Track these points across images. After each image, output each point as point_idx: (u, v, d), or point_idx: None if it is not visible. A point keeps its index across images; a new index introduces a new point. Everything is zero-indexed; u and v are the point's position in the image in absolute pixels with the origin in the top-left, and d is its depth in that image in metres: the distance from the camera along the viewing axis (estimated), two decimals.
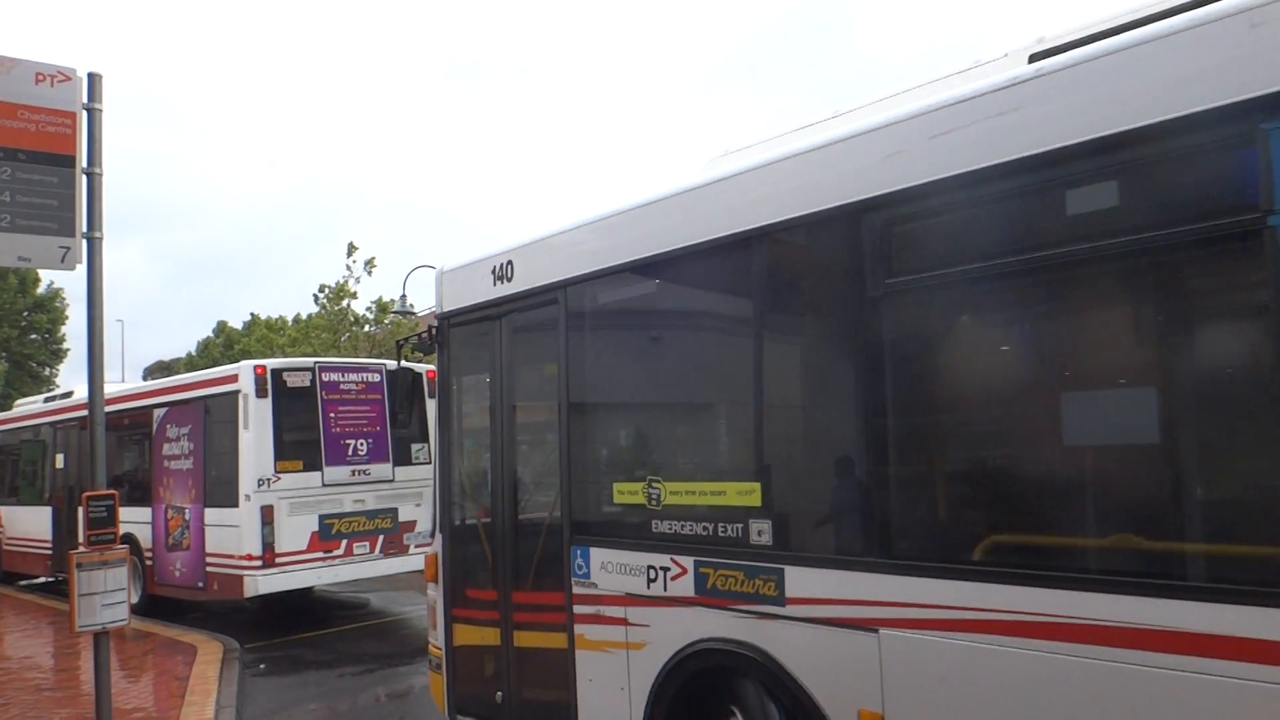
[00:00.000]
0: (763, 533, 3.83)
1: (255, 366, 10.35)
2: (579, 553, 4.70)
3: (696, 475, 4.42)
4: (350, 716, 7.24)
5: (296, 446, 10.31)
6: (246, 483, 10.01)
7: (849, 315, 3.64)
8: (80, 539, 5.77)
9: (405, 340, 6.31)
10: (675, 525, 4.21)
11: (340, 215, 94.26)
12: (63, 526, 13.71)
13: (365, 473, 10.73)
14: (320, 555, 10.33)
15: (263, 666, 8.99)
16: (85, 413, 6.15)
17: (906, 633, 3.27)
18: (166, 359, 53.82)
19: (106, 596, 5.67)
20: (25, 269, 29.49)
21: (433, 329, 5.83)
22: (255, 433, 10.07)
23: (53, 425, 14.67)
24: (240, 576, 9.96)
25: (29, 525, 14.96)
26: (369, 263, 21.69)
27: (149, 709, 7.27)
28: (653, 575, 4.28)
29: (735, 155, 4.52)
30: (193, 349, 51.09)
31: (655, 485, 4.36)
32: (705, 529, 4.07)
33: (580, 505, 4.81)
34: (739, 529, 3.91)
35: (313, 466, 10.37)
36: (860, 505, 3.54)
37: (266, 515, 9.97)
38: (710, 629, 4.02)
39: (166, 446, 11.48)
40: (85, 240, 5.66)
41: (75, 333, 39.29)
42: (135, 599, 11.04)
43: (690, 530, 4.15)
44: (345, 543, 10.52)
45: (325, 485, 10.42)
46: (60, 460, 14.30)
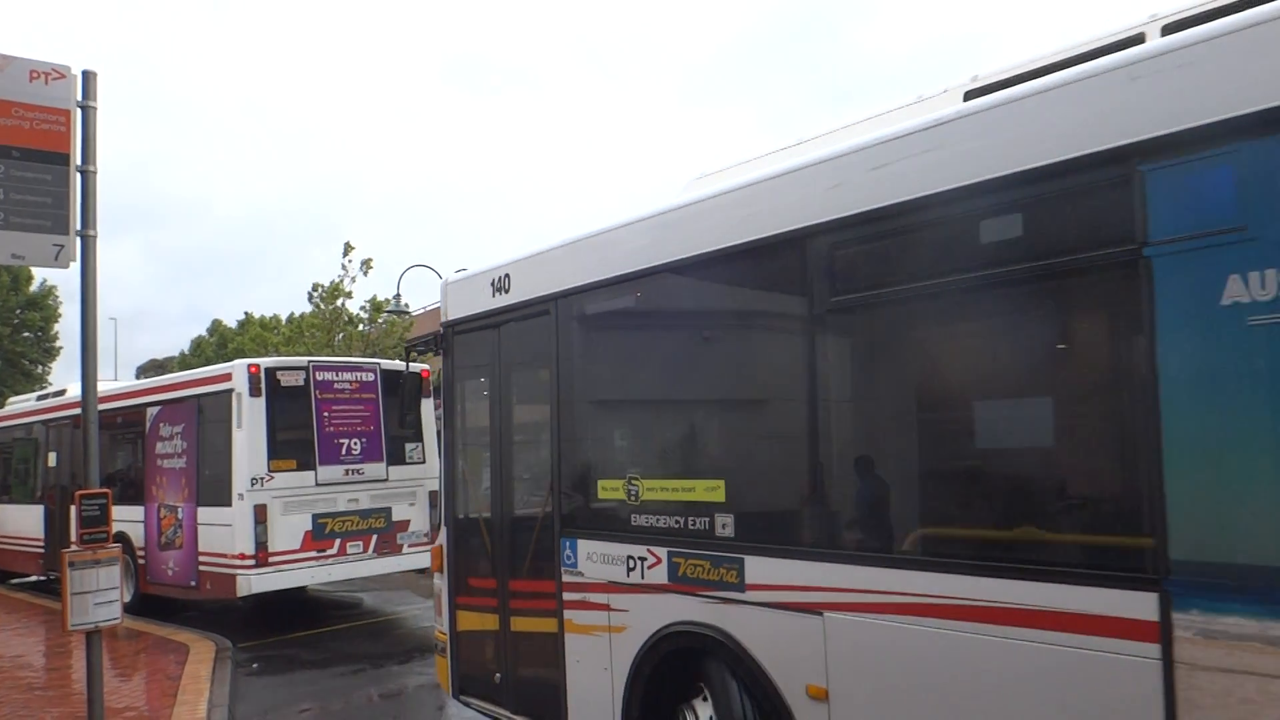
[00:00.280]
0: (726, 525, 4.18)
1: (249, 365, 10.33)
2: (568, 544, 5.06)
3: (671, 473, 4.72)
4: (343, 716, 7.24)
5: (290, 445, 10.29)
6: (240, 482, 9.98)
7: (799, 329, 4.06)
8: (73, 537, 5.78)
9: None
10: (652, 519, 4.59)
11: (336, 214, 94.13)
12: (55, 525, 13.68)
13: (359, 472, 10.72)
14: (313, 554, 10.32)
15: (255, 666, 9.00)
16: (78, 411, 6.15)
17: (846, 615, 3.62)
18: (160, 357, 53.67)
19: (99, 595, 5.67)
20: (18, 266, 29.39)
21: (438, 336, 6.30)
22: (249, 431, 10.05)
23: (45, 424, 14.61)
24: (233, 576, 9.93)
25: (21, 523, 14.91)
26: (365, 263, 20.94)
27: (141, 708, 7.27)
28: (632, 564, 4.63)
29: (710, 178, 4.93)
30: (186, 347, 50.87)
31: (635, 482, 4.73)
32: (678, 522, 4.44)
33: (570, 500, 5.15)
34: (706, 522, 4.27)
35: (306, 465, 10.36)
36: (807, 501, 3.99)
37: (260, 514, 9.96)
38: (681, 613, 4.36)
39: (160, 445, 11.45)
40: (79, 238, 5.66)
41: (68, 331, 39.10)
42: (128, 598, 11.08)
43: (665, 523, 4.51)
44: (339, 542, 10.51)
45: (319, 484, 10.41)
46: (53, 459, 14.24)
